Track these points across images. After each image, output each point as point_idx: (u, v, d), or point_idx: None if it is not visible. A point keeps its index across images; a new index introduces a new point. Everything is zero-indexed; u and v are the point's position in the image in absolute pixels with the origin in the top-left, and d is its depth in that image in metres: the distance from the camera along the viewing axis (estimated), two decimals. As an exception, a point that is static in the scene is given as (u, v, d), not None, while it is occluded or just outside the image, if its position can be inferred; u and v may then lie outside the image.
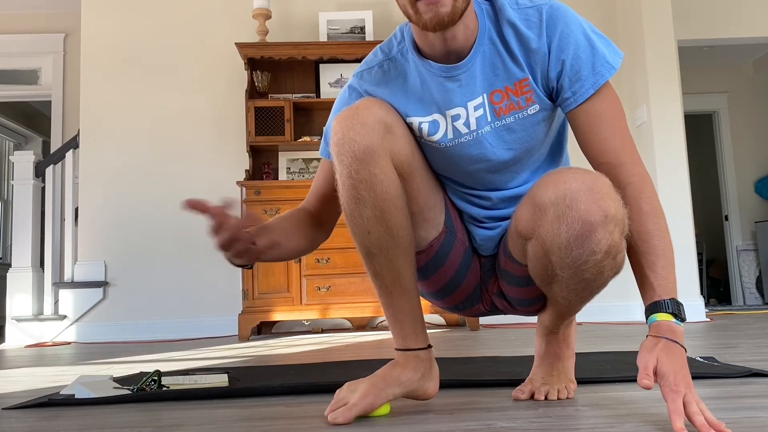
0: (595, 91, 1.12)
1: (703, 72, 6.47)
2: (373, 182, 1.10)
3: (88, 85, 4.38)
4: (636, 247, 1.07)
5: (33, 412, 1.35)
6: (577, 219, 1.00)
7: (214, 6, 4.48)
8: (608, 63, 1.12)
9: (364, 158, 1.09)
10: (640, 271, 1.07)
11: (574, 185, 1.01)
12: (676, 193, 4.02)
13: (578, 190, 1.00)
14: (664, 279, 1.04)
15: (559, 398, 1.26)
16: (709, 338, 2.67)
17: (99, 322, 4.16)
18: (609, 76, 1.12)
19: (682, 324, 1.02)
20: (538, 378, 1.31)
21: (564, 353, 1.32)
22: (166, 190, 4.31)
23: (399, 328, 1.20)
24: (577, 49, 1.12)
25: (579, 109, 1.13)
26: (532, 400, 1.26)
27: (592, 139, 1.13)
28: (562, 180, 1.03)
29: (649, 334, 1.02)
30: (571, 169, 1.07)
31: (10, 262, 4.30)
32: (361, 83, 1.24)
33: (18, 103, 6.45)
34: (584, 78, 1.12)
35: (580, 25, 1.14)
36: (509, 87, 1.15)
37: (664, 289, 1.03)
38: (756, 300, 6.21)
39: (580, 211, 1.00)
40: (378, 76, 1.22)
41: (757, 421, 1.01)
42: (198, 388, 1.51)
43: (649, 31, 4.16)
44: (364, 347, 2.81)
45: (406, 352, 1.19)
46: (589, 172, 1.05)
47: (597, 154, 1.13)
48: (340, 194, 1.15)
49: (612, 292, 4.91)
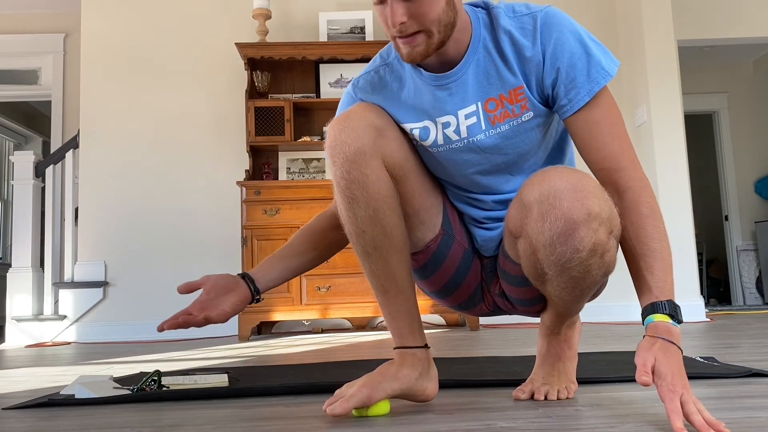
0: (591, 98, 1.13)
1: (703, 72, 6.47)
2: (365, 182, 1.13)
3: (88, 85, 4.38)
4: (634, 250, 1.08)
5: (33, 412, 1.35)
6: (560, 216, 1.01)
7: (214, 6, 4.48)
8: (604, 70, 1.13)
9: (355, 159, 1.13)
10: (638, 273, 1.08)
11: (559, 184, 1.02)
12: (676, 193, 4.02)
13: (562, 188, 1.01)
14: (662, 281, 1.05)
15: (559, 398, 1.26)
16: (709, 338, 2.67)
17: (99, 322, 4.16)
18: (605, 82, 1.13)
19: (678, 326, 1.03)
20: (538, 378, 1.31)
21: (565, 354, 1.32)
22: (166, 190, 4.31)
23: (396, 327, 1.22)
24: (572, 56, 1.12)
25: (576, 116, 1.14)
26: (532, 400, 1.26)
27: (591, 146, 1.14)
28: (547, 179, 1.04)
29: (646, 335, 1.02)
30: (558, 168, 1.08)
31: (10, 262, 4.30)
32: (356, 90, 1.29)
33: (18, 103, 6.45)
34: (580, 85, 1.13)
35: (576, 32, 1.14)
36: (504, 95, 1.16)
37: (661, 290, 1.04)
38: (756, 300, 6.21)
39: (563, 208, 1.00)
40: (374, 82, 1.26)
41: (757, 421, 1.01)
42: (198, 388, 1.51)
43: (649, 31, 4.16)
44: (364, 347, 2.81)
45: (404, 350, 1.21)
46: (575, 171, 1.06)
47: (596, 160, 1.14)
48: (336, 196, 1.18)
49: (612, 292, 4.88)
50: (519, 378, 1.43)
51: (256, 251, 3.84)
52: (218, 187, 4.31)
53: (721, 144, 6.53)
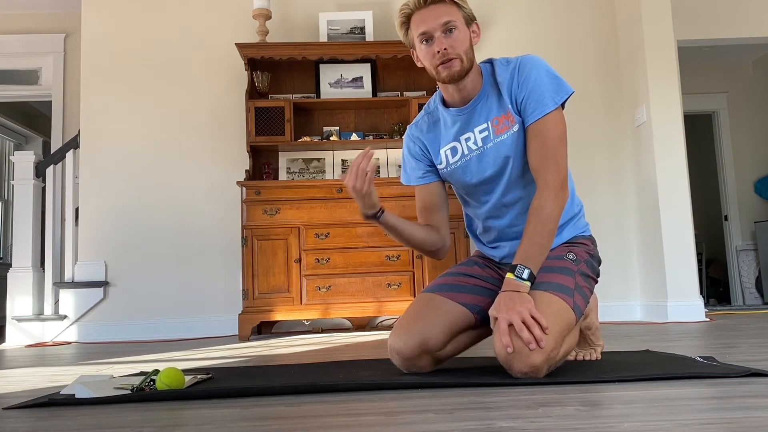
0: (541, 116, 1.62)
1: (703, 72, 6.47)
2: (419, 367, 1.67)
3: (88, 85, 4.38)
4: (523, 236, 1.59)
5: (33, 412, 1.35)
6: (516, 371, 1.47)
7: (215, 6, 4.48)
8: (553, 98, 1.62)
9: (409, 360, 1.67)
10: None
11: (505, 355, 1.46)
12: (676, 193, 4.02)
13: (512, 356, 1.45)
14: (524, 252, 1.56)
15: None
16: (709, 338, 2.67)
17: (99, 322, 4.16)
18: (554, 106, 1.62)
19: (526, 282, 1.52)
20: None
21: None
22: (166, 190, 4.31)
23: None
24: (534, 86, 1.63)
25: (528, 128, 1.65)
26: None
27: (530, 150, 1.65)
28: (499, 348, 1.47)
29: (502, 289, 1.54)
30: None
31: (11, 262, 4.30)
32: (413, 130, 1.84)
33: (18, 103, 6.45)
34: (534, 107, 1.63)
35: (540, 70, 1.64)
36: (503, 114, 1.68)
37: (521, 259, 1.55)
38: (755, 300, 6.21)
39: (513, 370, 1.47)
40: (425, 124, 1.82)
41: (757, 421, 1.01)
42: (198, 389, 1.51)
43: (649, 31, 4.16)
44: (364, 347, 2.82)
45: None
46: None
47: (531, 160, 1.65)
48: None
49: (612, 293, 4.87)
50: (519, 378, 1.44)
51: (256, 251, 3.84)
52: (218, 187, 4.32)
53: (721, 144, 6.53)
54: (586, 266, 1.70)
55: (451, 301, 1.70)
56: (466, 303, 1.71)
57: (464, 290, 1.73)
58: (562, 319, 1.53)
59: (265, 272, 3.83)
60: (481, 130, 1.69)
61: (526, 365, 1.43)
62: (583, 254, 1.71)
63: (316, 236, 3.87)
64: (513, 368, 1.45)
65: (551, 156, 1.60)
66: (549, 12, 4.58)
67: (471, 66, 1.65)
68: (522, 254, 1.55)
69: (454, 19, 1.62)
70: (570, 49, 4.51)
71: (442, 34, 1.61)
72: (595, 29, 4.59)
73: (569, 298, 1.58)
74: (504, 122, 1.66)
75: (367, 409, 1.24)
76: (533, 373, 1.44)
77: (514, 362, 1.44)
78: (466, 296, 1.72)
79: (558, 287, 1.58)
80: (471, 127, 1.70)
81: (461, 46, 1.62)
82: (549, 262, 1.64)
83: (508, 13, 4.57)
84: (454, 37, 1.61)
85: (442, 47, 1.61)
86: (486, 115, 1.68)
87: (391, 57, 4.24)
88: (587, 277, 1.69)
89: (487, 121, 1.68)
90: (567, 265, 1.65)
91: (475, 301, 1.72)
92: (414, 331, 1.64)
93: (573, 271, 1.64)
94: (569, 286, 1.60)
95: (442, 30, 1.61)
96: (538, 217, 1.57)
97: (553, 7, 4.59)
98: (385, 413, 1.19)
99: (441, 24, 1.61)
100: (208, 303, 4.22)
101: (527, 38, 4.51)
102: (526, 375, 1.45)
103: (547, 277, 1.60)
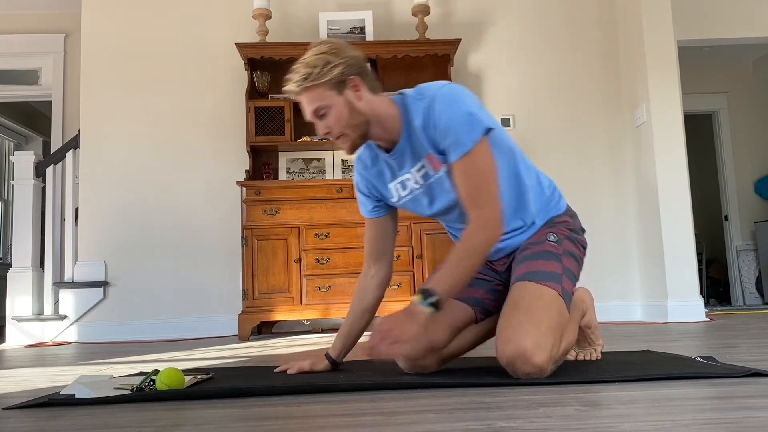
0: (459, 157, 1.55)
1: (703, 72, 6.47)
2: (424, 366, 1.69)
3: (88, 85, 4.38)
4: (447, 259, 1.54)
5: (33, 412, 1.35)
6: (521, 374, 1.48)
7: (215, 6, 4.48)
8: (469, 136, 1.53)
9: (413, 360, 1.68)
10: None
11: (510, 354, 1.47)
12: (675, 193, 4.02)
13: (514, 359, 1.46)
14: (437, 278, 1.50)
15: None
16: (709, 338, 2.67)
17: (99, 322, 4.16)
18: (471, 144, 1.53)
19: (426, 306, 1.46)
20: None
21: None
22: (166, 190, 4.31)
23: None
24: (446, 128, 1.55)
25: (451, 167, 1.58)
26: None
27: (459, 188, 1.58)
28: (502, 348, 1.49)
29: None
30: (514, 330, 1.49)
31: (11, 262, 4.30)
32: (358, 165, 1.79)
33: (18, 103, 6.45)
34: (453, 149, 1.55)
35: (453, 109, 1.55)
36: (430, 154, 1.61)
37: (434, 282, 1.50)
38: (756, 300, 6.21)
39: (518, 373, 1.48)
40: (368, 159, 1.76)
41: (757, 421, 1.01)
42: (198, 389, 1.51)
43: (649, 31, 4.16)
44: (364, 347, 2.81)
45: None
46: (536, 327, 1.49)
47: (461, 197, 1.59)
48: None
49: (612, 293, 4.87)
50: (519, 378, 1.43)
51: (256, 251, 3.84)
52: (218, 187, 4.32)
53: (721, 144, 6.53)
54: (570, 242, 1.69)
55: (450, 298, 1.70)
56: (463, 297, 1.72)
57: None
58: (556, 312, 1.54)
59: (265, 272, 3.83)
60: (418, 168, 1.65)
61: (529, 366, 1.44)
62: (564, 231, 1.70)
63: (316, 236, 3.87)
64: (517, 371, 1.46)
65: (479, 192, 1.55)
66: (549, 12, 4.58)
67: (364, 129, 1.61)
68: (438, 279, 1.50)
69: (323, 103, 1.57)
70: (570, 49, 4.51)
71: (318, 119, 1.60)
72: (595, 29, 4.59)
73: (557, 285, 1.58)
74: (434, 161, 1.61)
75: (367, 409, 1.24)
76: (538, 373, 1.45)
77: (517, 365, 1.45)
78: (462, 290, 1.70)
79: (544, 275, 1.58)
80: (407, 168, 1.66)
81: (338, 124, 1.59)
82: (531, 248, 1.65)
83: (508, 14, 4.56)
84: (328, 122, 1.59)
85: (323, 132, 1.60)
86: (418, 155, 1.63)
87: (391, 57, 4.24)
88: (572, 255, 1.68)
89: (422, 158, 1.63)
90: (550, 249, 1.64)
91: (472, 294, 1.73)
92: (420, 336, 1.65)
93: (558, 255, 1.64)
94: (557, 271, 1.60)
95: (316, 117, 1.60)
96: (466, 246, 1.52)
97: (552, 7, 4.59)
98: (385, 413, 1.19)
99: (311, 112, 1.59)
100: (208, 303, 4.22)
101: (527, 38, 4.51)
102: (531, 376, 1.45)
103: (532, 266, 1.61)
